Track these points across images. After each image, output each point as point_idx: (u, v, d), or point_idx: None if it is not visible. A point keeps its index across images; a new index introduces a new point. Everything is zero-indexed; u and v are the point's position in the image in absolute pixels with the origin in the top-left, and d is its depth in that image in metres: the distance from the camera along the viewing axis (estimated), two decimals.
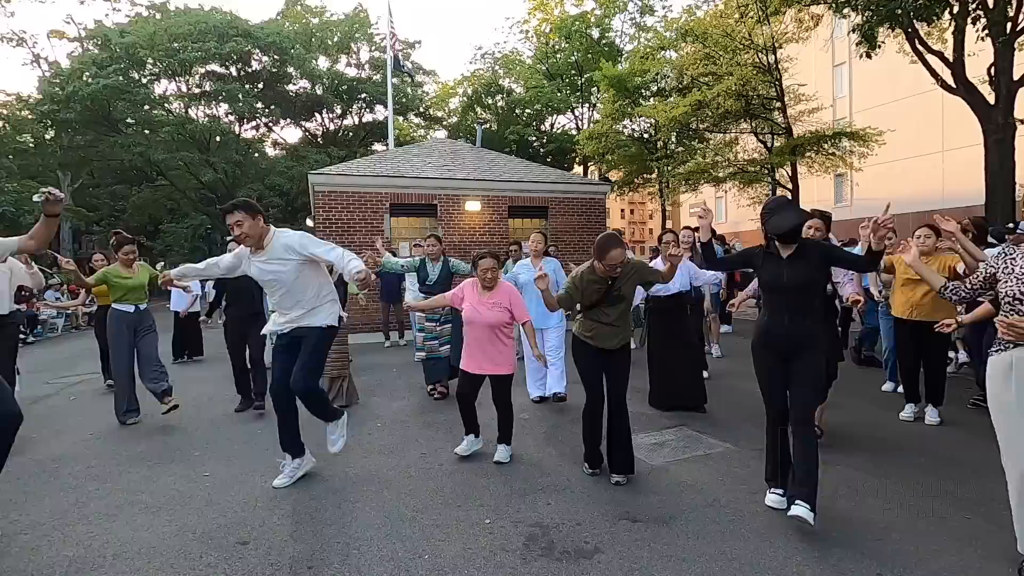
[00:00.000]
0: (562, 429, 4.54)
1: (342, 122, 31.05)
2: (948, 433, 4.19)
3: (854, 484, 3.28)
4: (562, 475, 3.56)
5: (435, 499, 3.24)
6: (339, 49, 30.12)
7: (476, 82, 29.11)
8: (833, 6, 9.17)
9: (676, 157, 18.75)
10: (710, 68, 15.01)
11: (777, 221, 2.88)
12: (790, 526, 2.79)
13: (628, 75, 18.69)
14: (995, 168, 8.86)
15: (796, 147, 14.35)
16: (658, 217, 28.33)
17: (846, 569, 2.42)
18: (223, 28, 25.00)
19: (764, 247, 3.03)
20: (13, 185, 20.53)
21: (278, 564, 2.58)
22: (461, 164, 12.89)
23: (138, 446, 4.42)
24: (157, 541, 2.83)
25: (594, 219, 12.64)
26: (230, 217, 3.32)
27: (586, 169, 26.05)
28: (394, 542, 2.75)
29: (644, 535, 2.76)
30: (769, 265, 2.96)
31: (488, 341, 3.78)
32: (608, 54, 23.69)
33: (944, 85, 9.38)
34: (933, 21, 8.97)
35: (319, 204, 10.73)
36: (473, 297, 3.85)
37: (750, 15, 13.82)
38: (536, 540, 2.74)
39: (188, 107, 26.84)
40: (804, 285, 2.88)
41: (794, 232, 2.88)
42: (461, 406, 3.93)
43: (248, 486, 3.50)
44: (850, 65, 22.20)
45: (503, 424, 3.90)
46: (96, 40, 25.24)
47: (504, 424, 3.90)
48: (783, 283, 2.89)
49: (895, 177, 20.97)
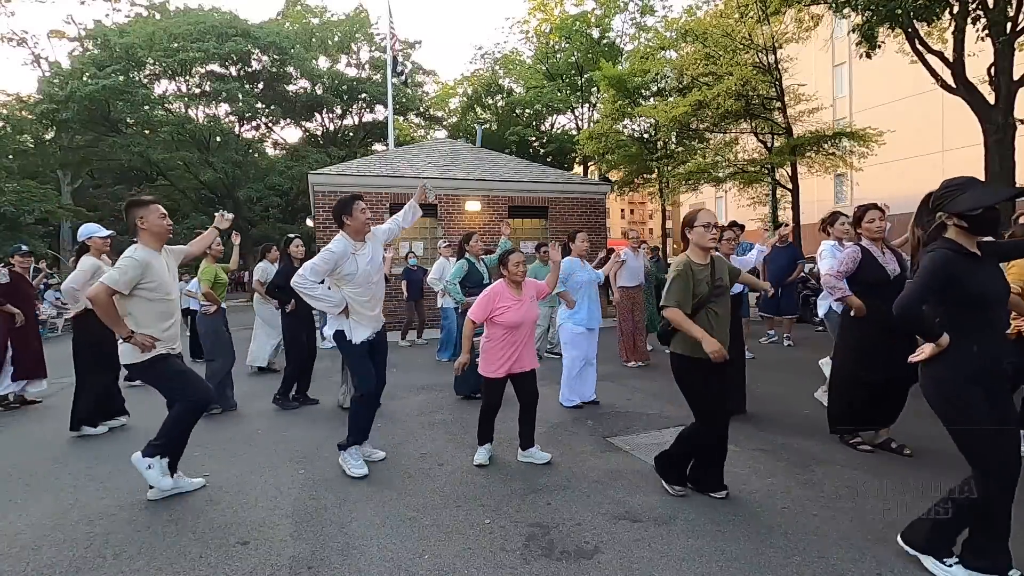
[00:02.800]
0: (562, 429, 4.54)
1: (342, 122, 31.07)
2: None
3: (854, 484, 3.28)
4: (562, 475, 3.55)
5: (435, 499, 3.24)
6: (339, 49, 30.15)
7: (476, 82, 29.14)
8: (833, 6, 9.17)
9: (676, 157, 18.76)
10: (710, 68, 15.02)
11: (979, 196, 2.15)
12: (790, 526, 2.79)
13: (628, 75, 18.70)
14: (995, 168, 8.86)
15: (796, 147, 14.36)
16: (658, 217, 28.33)
17: (846, 569, 2.42)
18: (223, 28, 25.02)
19: (957, 249, 2.20)
20: (13, 185, 20.53)
21: (278, 564, 2.58)
22: (461, 164, 12.89)
23: (138, 446, 4.40)
24: (157, 541, 2.83)
25: (594, 219, 12.64)
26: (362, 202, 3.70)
27: (586, 169, 26.06)
28: (394, 542, 2.75)
29: (644, 535, 2.76)
30: (979, 271, 2.18)
31: (529, 337, 3.70)
32: (608, 54, 23.69)
33: (944, 85, 9.38)
34: (933, 21, 8.97)
35: (319, 204, 10.74)
36: (510, 298, 3.65)
37: (750, 15, 13.83)
38: (536, 540, 2.74)
39: (188, 107, 26.84)
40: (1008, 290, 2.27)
41: (995, 217, 2.17)
42: (491, 416, 3.78)
43: (248, 486, 3.50)
44: (850, 65, 22.21)
45: (533, 423, 3.81)
46: (96, 40, 25.25)
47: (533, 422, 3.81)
48: (1002, 292, 2.21)
49: (895, 177, 20.97)
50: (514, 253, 3.72)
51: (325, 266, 3.51)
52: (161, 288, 3.31)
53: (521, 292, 3.70)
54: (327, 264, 3.51)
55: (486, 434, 3.82)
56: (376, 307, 3.73)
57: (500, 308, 3.61)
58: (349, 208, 3.62)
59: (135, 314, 3.23)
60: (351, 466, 3.62)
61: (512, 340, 3.63)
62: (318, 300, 3.55)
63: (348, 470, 3.61)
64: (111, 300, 3.14)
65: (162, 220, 3.41)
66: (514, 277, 3.68)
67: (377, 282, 3.76)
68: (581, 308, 5.07)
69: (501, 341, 3.64)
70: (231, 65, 26.49)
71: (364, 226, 3.65)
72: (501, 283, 3.72)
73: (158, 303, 3.29)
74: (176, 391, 3.34)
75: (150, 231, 3.37)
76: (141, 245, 3.32)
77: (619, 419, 4.78)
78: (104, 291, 3.12)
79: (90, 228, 5.01)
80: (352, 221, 3.62)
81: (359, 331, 3.63)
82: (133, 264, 3.19)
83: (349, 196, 3.69)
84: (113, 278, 3.14)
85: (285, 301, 5.65)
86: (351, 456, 3.66)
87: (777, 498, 3.13)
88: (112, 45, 23.71)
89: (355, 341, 3.61)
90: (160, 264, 3.34)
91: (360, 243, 3.66)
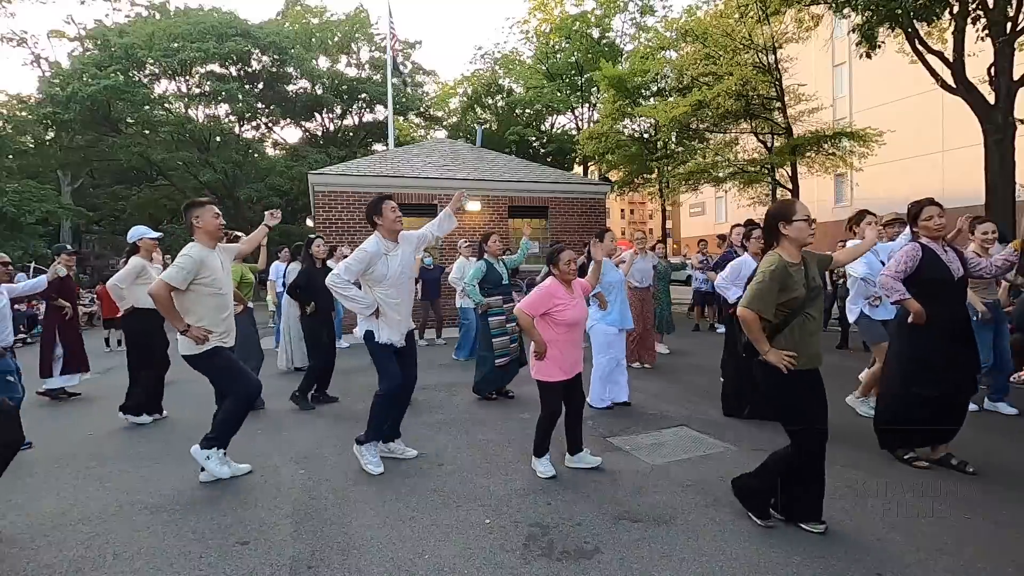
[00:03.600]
0: (562, 429, 4.53)
1: (342, 122, 31.03)
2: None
3: (854, 484, 3.28)
4: (562, 475, 3.55)
5: (435, 499, 3.24)
6: (339, 49, 30.12)
7: (476, 82, 29.12)
8: (833, 6, 9.18)
9: (676, 157, 18.74)
10: (710, 68, 15.02)
11: None
12: (790, 526, 2.79)
13: (628, 75, 18.70)
14: (995, 168, 8.87)
15: (796, 147, 14.36)
16: (658, 217, 28.34)
17: (846, 569, 2.42)
18: (223, 28, 24.99)
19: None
20: (13, 185, 20.52)
21: (278, 564, 2.58)
22: (461, 164, 12.90)
23: (138, 446, 4.42)
24: (157, 541, 2.83)
25: (594, 219, 12.65)
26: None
27: (586, 169, 26.06)
28: (394, 542, 2.75)
29: (644, 535, 2.76)
30: None
31: (580, 337, 3.58)
32: (608, 54, 23.67)
33: (944, 85, 9.38)
34: (933, 21, 8.98)
35: (319, 204, 10.74)
36: (565, 297, 3.49)
37: (750, 15, 13.83)
38: (536, 540, 2.74)
39: (188, 107, 26.82)
40: None
41: None
42: (553, 425, 3.55)
43: (248, 486, 3.50)
44: (850, 65, 22.21)
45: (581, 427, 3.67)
46: (96, 40, 25.24)
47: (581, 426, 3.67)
48: None
49: (895, 177, 20.96)
50: (565, 251, 3.55)
51: (359, 266, 3.58)
52: (215, 283, 3.52)
53: (572, 290, 3.58)
54: (361, 264, 3.58)
55: (546, 444, 3.58)
56: (405, 309, 3.79)
57: (558, 305, 3.45)
58: (379, 208, 3.68)
59: (192, 308, 3.45)
60: (368, 462, 3.67)
61: (572, 340, 3.48)
62: (351, 300, 3.59)
63: (365, 465, 3.67)
64: (169, 296, 3.38)
65: (216, 219, 3.62)
66: (566, 276, 3.53)
67: (408, 285, 3.82)
68: (613, 309, 5.03)
69: (563, 342, 3.46)
70: (231, 65, 26.45)
71: (395, 224, 3.69)
72: (554, 281, 3.55)
73: (213, 297, 3.51)
74: (227, 384, 3.57)
75: (205, 230, 3.60)
76: (197, 243, 3.56)
77: (619, 419, 4.78)
78: (163, 287, 3.37)
79: (141, 230, 5.35)
80: (383, 220, 3.68)
81: (386, 332, 3.68)
82: (189, 261, 3.41)
83: (378, 196, 3.74)
84: (171, 275, 3.38)
85: (306, 302, 5.64)
86: (368, 452, 3.71)
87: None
88: (112, 45, 23.69)
89: (382, 341, 3.66)
90: (214, 260, 3.56)
91: (393, 244, 3.71)
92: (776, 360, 2.58)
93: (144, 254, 5.19)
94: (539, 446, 3.58)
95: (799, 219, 2.62)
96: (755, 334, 2.61)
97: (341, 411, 5.33)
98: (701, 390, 5.74)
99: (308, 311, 5.62)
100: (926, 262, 3.37)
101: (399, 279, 3.69)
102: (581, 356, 3.61)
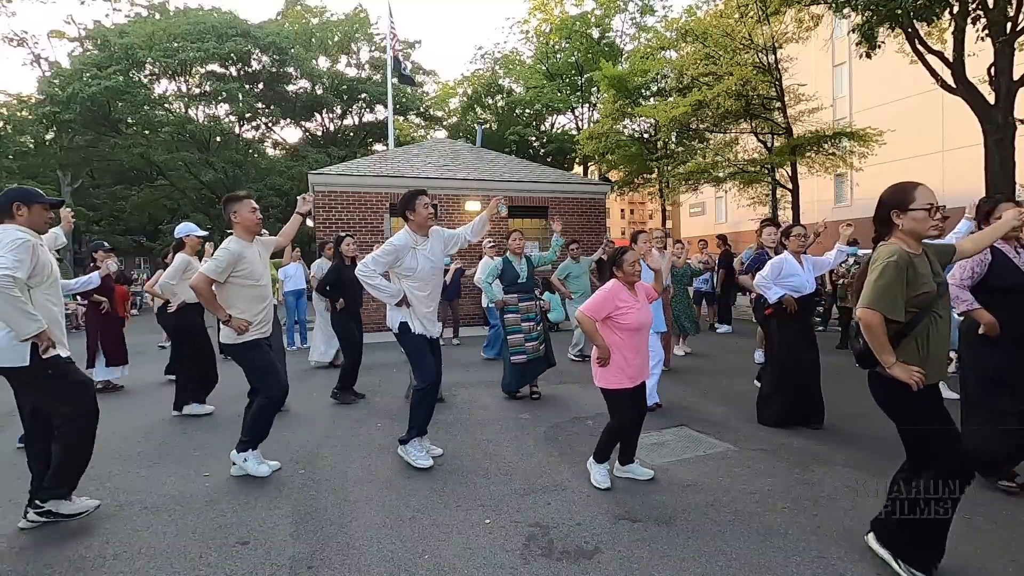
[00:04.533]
0: (562, 429, 4.54)
1: (342, 122, 31.04)
2: None
3: (854, 484, 3.28)
4: (562, 475, 3.55)
5: (435, 499, 3.24)
6: (339, 49, 30.12)
7: (476, 82, 29.13)
8: (833, 6, 9.16)
9: (676, 157, 18.74)
10: (710, 68, 15.01)
11: None
12: (790, 526, 2.79)
13: (628, 75, 18.69)
14: (995, 168, 8.86)
15: (796, 147, 14.35)
16: (658, 217, 28.33)
17: (846, 569, 2.42)
18: (223, 28, 25.00)
19: None
20: (13, 185, 20.55)
21: (278, 564, 2.58)
22: (461, 164, 12.90)
23: (138, 446, 4.42)
24: (157, 541, 2.83)
25: (594, 219, 12.65)
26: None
27: (586, 169, 26.06)
28: (394, 542, 2.75)
29: (644, 535, 2.76)
30: None
31: (645, 343, 3.39)
32: (608, 54, 23.69)
33: (944, 85, 9.38)
34: (933, 21, 8.96)
35: (319, 204, 10.74)
36: (629, 300, 3.31)
37: (750, 15, 13.83)
38: (536, 540, 2.74)
39: (188, 107, 26.83)
40: None
41: None
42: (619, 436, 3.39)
43: (248, 486, 3.50)
44: (850, 65, 22.20)
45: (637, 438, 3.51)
46: (96, 41, 25.24)
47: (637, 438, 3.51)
48: None
49: (895, 177, 20.65)
50: (629, 252, 3.37)
51: (386, 258, 3.67)
52: (253, 275, 3.63)
53: (637, 292, 3.39)
54: (388, 256, 3.67)
55: (608, 451, 3.40)
56: (432, 303, 3.85)
57: (621, 308, 3.26)
58: (412, 203, 3.73)
59: (232, 300, 3.56)
60: (415, 458, 3.73)
61: (636, 345, 3.30)
62: (377, 289, 3.67)
63: (413, 462, 3.72)
64: (210, 288, 3.51)
65: (252, 214, 3.69)
66: (630, 278, 3.34)
67: (436, 279, 3.86)
68: None
69: (627, 348, 3.28)
70: (231, 65, 26.46)
71: (427, 220, 3.75)
72: (617, 283, 3.35)
73: (250, 288, 3.62)
74: (260, 379, 3.70)
75: (242, 224, 3.67)
76: (235, 237, 3.65)
77: None
78: (204, 280, 3.50)
79: (188, 227, 5.61)
80: (415, 216, 3.74)
81: (419, 324, 3.76)
82: (227, 254, 3.52)
83: (413, 191, 3.78)
84: (211, 268, 3.50)
85: (335, 299, 5.77)
86: (414, 449, 3.76)
87: (777, 498, 3.13)
88: (112, 45, 23.70)
89: (416, 332, 3.74)
90: (252, 253, 3.66)
91: (423, 238, 3.76)
92: (904, 376, 2.15)
93: (189, 250, 5.39)
94: (600, 451, 3.39)
95: (918, 208, 2.22)
96: (879, 340, 2.18)
97: (341, 411, 5.33)
98: (701, 390, 5.74)
99: (338, 307, 5.75)
100: (996, 267, 3.04)
101: (427, 273, 3.76)
102: (647, 362, 3.45)
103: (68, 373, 3.01)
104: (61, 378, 2.97)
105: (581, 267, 7.40)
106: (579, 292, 7.17)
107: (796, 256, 4.43)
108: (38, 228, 3.05)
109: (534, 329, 5.52)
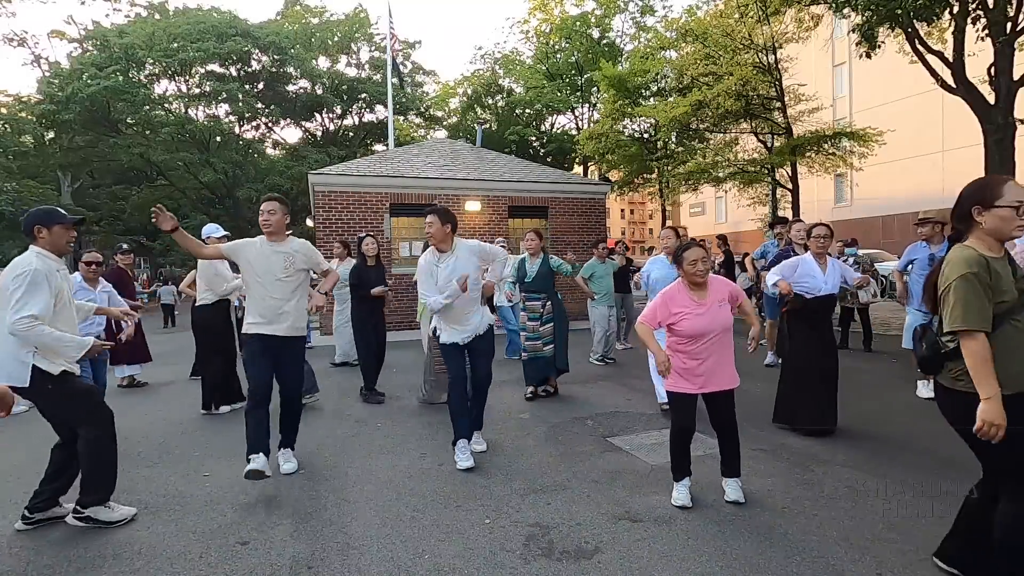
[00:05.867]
0: (562, 429, 4.54)
1: (342, 122, 31.04)
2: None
3: (854, 484, 3.28)
4: (562, 475, 3.55)
5: (435, 499, 3.24)
6: (339, 49, 30.11)
7: (476, 82, 29.13)
8: (833, 6, 9.16)
9: (676, 157, 18.75)
10: (710, 68, 15.01)
11: None
12: (790, 526, 2.79)
13: (628, 75, 18.69)
14: (995, 168, 8.85)
15: (796, 147, 14.35)
16: (658, 217, 28.34)
17: (846, 569, 2.42)
18: (222, 28, 25.00)
19: None
20: (13, 185, 20.53)
21: (278, 564, 2.58)
22: (461, 164, 12.89)
23: (138, 446, 4.42)
24: (157, 541, 2.83)
25: (594, 219, 12.64)
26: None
27: (586, 169, 26.06)
28: (394, 542, 2.75)
29: (644, 535, 2.76)
30: None
31: (724, 349, 3.01)
32: (608, 54, 23.68)
33: (944, 85, 9.38)
34: (933, 21, 8.96)
35: (319, 204, 10.74)
36: (688, 303, 2.98)
37: (750, 15, 13.82)
38: (536, 540, 2.74)
39: (188, 107, 26.83)
40: None
41: None
42: (684, 441, 3.08)
43: (248, 486, 3.50)
44: (850, 65, 22.22)
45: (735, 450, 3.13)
46: (95, 41, 25.23)
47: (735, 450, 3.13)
48: None
49: (895, 177, 20.98)
50: (692, 248, 2.99)
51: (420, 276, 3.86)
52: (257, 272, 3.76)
53: (705, 295, 3.00)
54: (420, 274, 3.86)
55: (683, 466, 3.10)
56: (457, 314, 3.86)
57: (677, 313, 2.97)
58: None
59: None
60: (458, 459, 3.75)
61: (695, 352, 2.96)
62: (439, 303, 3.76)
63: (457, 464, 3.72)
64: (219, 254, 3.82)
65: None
66: (692, 278, 2.98)
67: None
68: None
69: (683, 353, 3.00)
70: (231, 65, 26.45)
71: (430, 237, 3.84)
72: (678, 284, 3.07)
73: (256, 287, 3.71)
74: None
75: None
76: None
77: (619, 419, 4.78)
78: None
79: (212, 227, 5.66)
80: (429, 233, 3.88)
81: (446, 334, 3.88)
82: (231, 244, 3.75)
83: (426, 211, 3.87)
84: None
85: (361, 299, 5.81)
86: (459, 450, 3.78)
87: (777, 498, 3.13)
88: (112, 46, 23.69)
89: (443, 341, 3.89)
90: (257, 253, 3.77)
91: (443, 254, 3.83)
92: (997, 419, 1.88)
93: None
94: (675, 467, 3.12)
95: (1007, 204, 1.95)
96: (985, 370, 1.88)
97: (341, 411, 5.33)
98: None
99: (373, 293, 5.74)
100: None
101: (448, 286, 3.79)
102: (728, 370, 3.05)
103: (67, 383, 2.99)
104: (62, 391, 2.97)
105: (606, 268, 7.28)
106: (602, 293, 7.07)
107: (819, 258, 4.24)
108: (60, 249, 3.08)
109: (536, 329, 5.53)
